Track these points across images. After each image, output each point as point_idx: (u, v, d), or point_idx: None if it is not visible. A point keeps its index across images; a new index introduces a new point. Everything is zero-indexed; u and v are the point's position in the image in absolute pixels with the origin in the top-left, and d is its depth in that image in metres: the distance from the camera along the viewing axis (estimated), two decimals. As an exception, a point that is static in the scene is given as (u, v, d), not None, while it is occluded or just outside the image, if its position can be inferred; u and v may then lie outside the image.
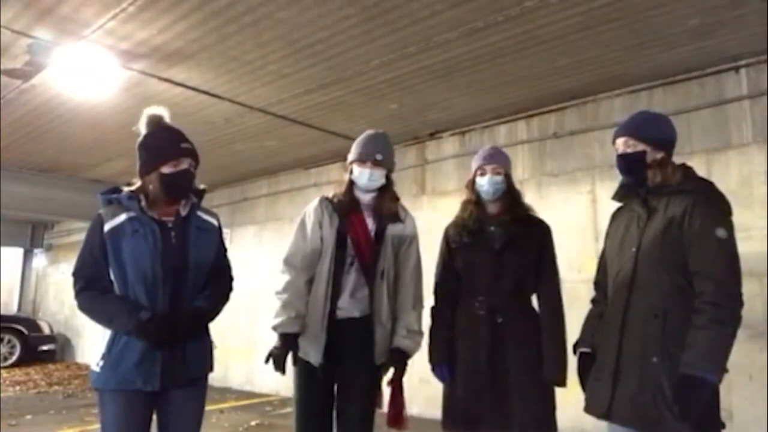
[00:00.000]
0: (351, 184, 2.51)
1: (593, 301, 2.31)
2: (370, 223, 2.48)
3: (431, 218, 2.71)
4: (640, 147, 2.07)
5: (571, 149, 4.85)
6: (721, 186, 2.01)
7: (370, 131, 2.59)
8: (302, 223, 2.52)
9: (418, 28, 3.59)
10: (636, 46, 3.82)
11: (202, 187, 2.27)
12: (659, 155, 2.06)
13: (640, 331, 1.96)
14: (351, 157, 2.53)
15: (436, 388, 2.57)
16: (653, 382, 1.89)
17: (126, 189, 2.12)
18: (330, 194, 2.55)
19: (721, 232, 1.88)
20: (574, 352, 2.27)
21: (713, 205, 1.94)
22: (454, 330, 2.49)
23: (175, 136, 2.14)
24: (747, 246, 3.86)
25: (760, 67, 3.98)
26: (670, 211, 1.97)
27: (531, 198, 4.94)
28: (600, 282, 2.28)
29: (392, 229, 2.49)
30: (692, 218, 1.91)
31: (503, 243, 2.45)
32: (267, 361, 2.37)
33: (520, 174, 5.15)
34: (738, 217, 3.84)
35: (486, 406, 2.34)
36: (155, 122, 2.16)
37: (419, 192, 5.92)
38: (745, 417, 3.72)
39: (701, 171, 3.99)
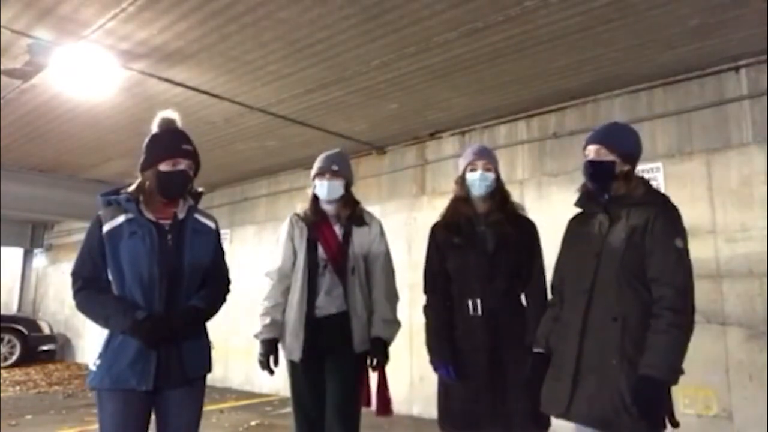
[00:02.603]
0: (315, 198, 2.82)
1: (550, 304, 2.35)
2: (337, 229, 2.78)
3: (431, 218, 2.70)
4: (611, 157, 2.14)
5: (571, 149, 4.84)
6: (721, 186, 2.05)
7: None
8: (277, 241, 2.85)
9: (418, 28, 3.59)
10: (636, 46, 3.82)
11: (199, 189, 2.30)
12: (626, 168, 2.15)
13: (600, 334, 2.03)
14: (312, 173, 2.82)
15: (435, 388, 2.57)
16: (611, 383, 1.96)
17: (125, 191, 2.15)
18: (298, 210, 2.86)
19: (680, 243, 1.99)
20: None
21: (672, 218, 2.05)
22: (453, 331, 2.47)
23: (178, 137, 2.18)
24: (747, 246, 3.89)
25: (760, 67, 3.98)
26: (633, 220, 2.06)
27: (531, 198, 5.01)
28: (556, 287, 2.32)
29: (358, 232, 2.78)
30: (654, 228, 2.01)
31: (496, 244, 2.44)
32: (262, 368, 2.70)
33: (520, 174, 5.16)
34: (738, 217, 3.90)
35: (485, 407, 2.34)
36: (165, 124, 2.22)
37: (419, 192, 5.92)
38: (745, 417, 3.72)
39: (701, 171, 4.07)
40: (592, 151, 2.18)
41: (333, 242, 2.73)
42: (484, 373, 2.35)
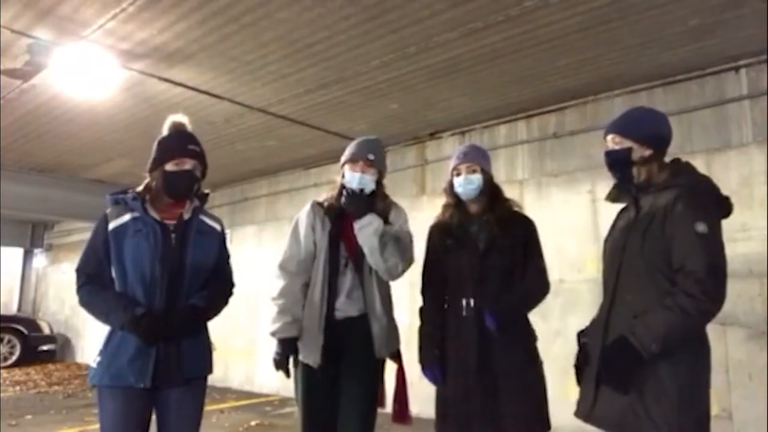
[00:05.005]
0: (342, 188, 2.52)
1: None
2: None
3: (431, 218, 2.69)
4: (627, 144, 2.04)
5: (571, 149, 4.85)
6: (721, 186, 1.99)
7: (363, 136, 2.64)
8: (295, 229, 2.56)
9: (418, 28, 3.59)
10: (636, 46, 3.82)
11: (206, 191, 2.32)
12: (647, 153, 2.01)
13: (621, 332, 1.89)
14: (343, 158, 2.57)
15: (434, 389, 2.57)
16: (632, 385, 1.86)
17: (133, 191, 2.18)
18: (320, 199, 2.59)
19: (701, 227, 1.78)
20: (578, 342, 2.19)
21: (696, 200, 1.85)
22: (444, 332, 2.47)
23: (185, 138, 2.22)
24: (747, 246, 3.89)
25: (760, 67, 3.98)
26: (654, 207, 1.92)
27: (531, 198, 5.01)
28: None
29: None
30: (673, 213, 1.84)
31: (487, 245, 2.43)
32: (277, 368, 2.47)
33: (520, 174, 5.15)
34: (738, 217, 3.88)
35: (476, 407, 2.33)
36: (175, 127, 2.26)
37: (419, 192, 5.92)
38: (745, 417, 3.72)
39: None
40: (608, 140, 2.12)
41: (355, 239, 2.47)
42: (473, 372, 2.35)
